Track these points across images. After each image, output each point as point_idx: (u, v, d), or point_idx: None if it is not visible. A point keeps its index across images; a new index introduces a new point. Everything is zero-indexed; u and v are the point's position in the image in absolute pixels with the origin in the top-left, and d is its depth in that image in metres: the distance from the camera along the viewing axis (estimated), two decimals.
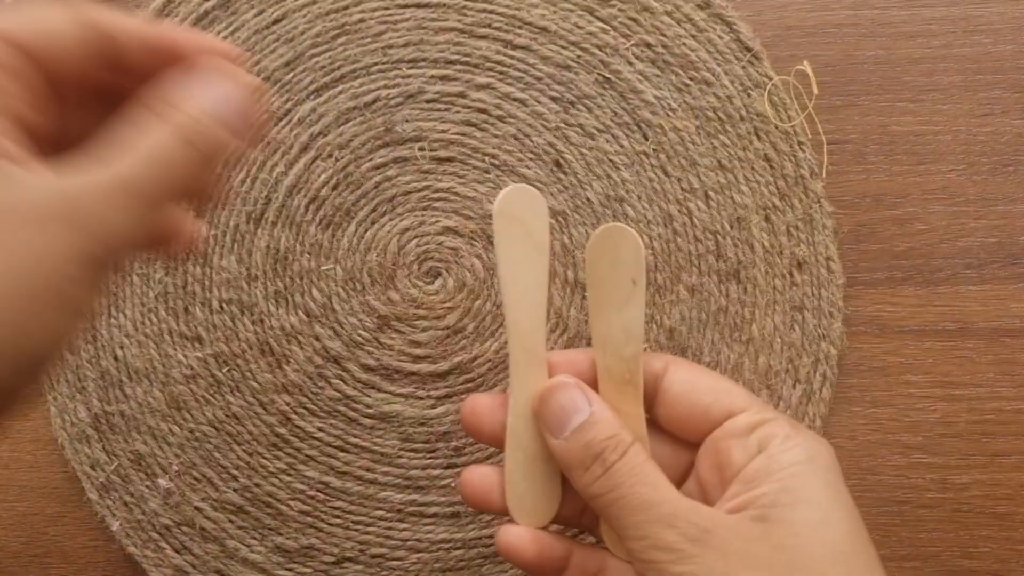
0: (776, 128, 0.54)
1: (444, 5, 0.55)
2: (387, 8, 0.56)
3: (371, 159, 0.55)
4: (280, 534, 0.55)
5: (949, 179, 0.55)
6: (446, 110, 0.55)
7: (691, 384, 0.44)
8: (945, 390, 0.55)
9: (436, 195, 0.55)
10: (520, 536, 0.45)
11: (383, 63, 0.56)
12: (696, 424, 0.44)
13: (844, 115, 0.56)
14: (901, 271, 0.55)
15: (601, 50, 0.55)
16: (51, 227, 0.32)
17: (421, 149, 0.55)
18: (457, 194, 0.55)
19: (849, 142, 0.56)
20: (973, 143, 0.55)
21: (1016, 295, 0.55)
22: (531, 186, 0.46)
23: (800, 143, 0.54)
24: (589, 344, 0.47)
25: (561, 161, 0.55)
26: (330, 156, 0.56)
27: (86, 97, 0.38)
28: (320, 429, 0.55)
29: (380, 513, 0.55)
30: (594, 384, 0.44)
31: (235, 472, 0.55)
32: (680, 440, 0.45)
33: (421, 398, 0.55)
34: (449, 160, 0.55)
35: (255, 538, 0.55)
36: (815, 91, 0.55)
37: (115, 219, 0.33)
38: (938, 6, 0.56)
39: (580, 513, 0.47)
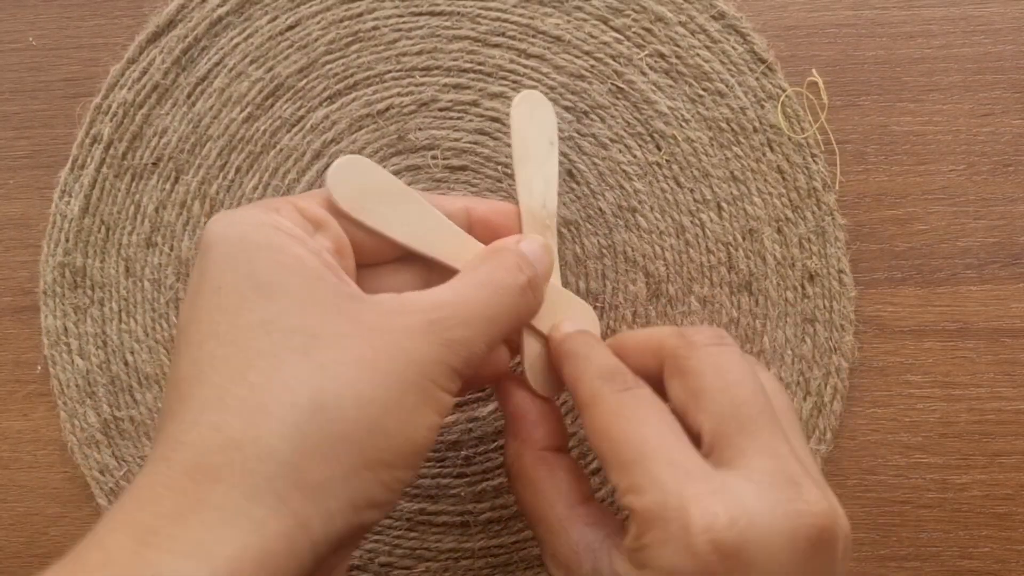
0: (789, 140, 0.54)
1: (458, 13, 0.55)
2: (401, 16, 0.55)
3: (384, 167, 0.55)
4: None
5: (949, 179, 0.55)
6: (459, 118, 0.55)
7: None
8: (945, 390, 0.55)
9: None
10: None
11: (396, 71, 0.55)
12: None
13: (844, 115, 0.56)
14: (901, 271, 0.55)
15: (615, 60, 0.55)
16: (418, 335, 0.37)
17: (434, 157, 0.55)
18: None
19: (849, 142, 0.56)
20: (973, 143, 0.56)
21: (1016, 295, 0.55)
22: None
23: (813, 155, 0.54)
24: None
25: (574, 171, 0.55)
26: None
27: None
28: None
29: (389, 522, 0.55)
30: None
31: None
32: None
33: None
34: (462, 169, 0.55)
35: None
36: (826, 102, 0.55)
37: (471, 338, 0.38)
38: (938, 6, 0.56)
39: None
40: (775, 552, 0.35)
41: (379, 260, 0.44)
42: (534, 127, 0.48)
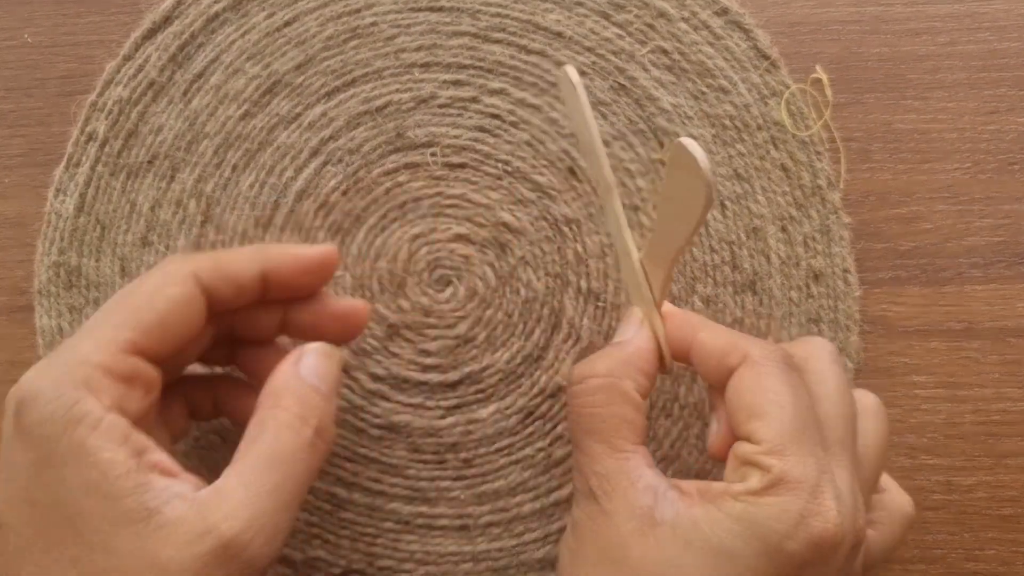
0: (793, 138, 0.54)
1: (457, 9, 0.55)
2: (400, 12, 0.55)
3: (382, 164, 0.55)
4: (286, 545, 0.54)
5: (954, 177, 0.55)
6: (458, 115, 0.55)
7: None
8: (950, 391, 0.55)
9: (448, 202, 0.55)
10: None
11: (395, 67, 0.55)
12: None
13: (848, 112, 0.56)
14: (906, 270, 0.55)
15: (616, 56, 0.55)
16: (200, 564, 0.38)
17: (433, 155, 0.55)
18: (469, 201, 0.55)
19: (854, 140, 0.55)
20: (978, 141, 0.55)
21: (1022, 294, 0.55)
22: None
23: (817, 153, 0.54)
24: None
25: (575, 168, 0.55)
26: (340, 161, 0.55)
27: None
28: None
29: (388, 525, 0.54)
30: None
31: None
32: None
33: (430, 408, 0.54)
34: (461, 166, 0.55)
35: None
36: (830, 99, 0.55)
37: (263, 544, 0.40)
38: (943, 3, 0.56)
39: None
40: (840, 556, 0.40)
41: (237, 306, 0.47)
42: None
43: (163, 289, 0.43)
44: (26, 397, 0.40)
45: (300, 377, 0.44)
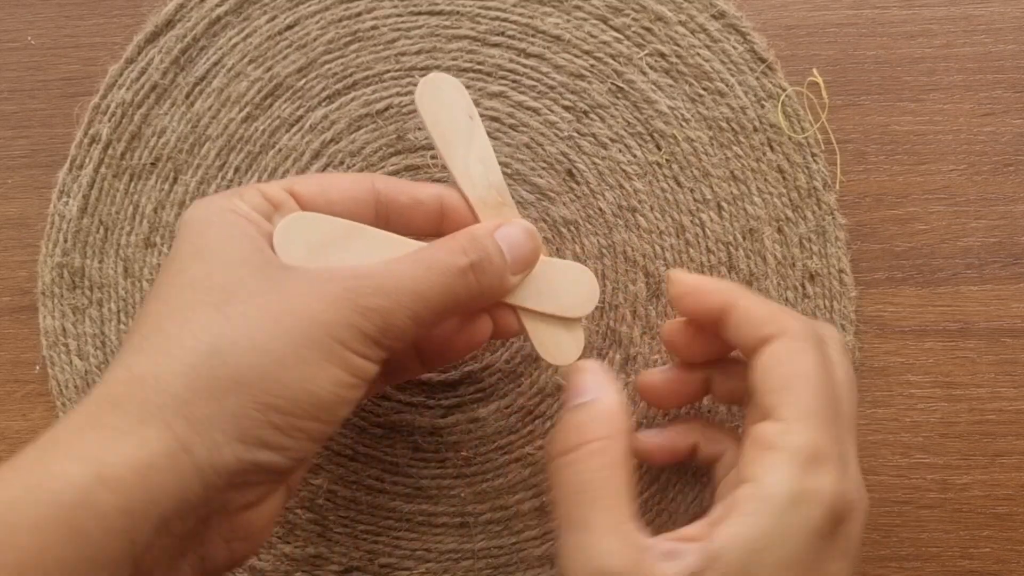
0: (789, 139, 0.54)
1: (457, 13, 0.55)
2: (400, 15, 0.55)
3: (383, 167, 0.55)
4: (287, 543, 0.55)
5: (950, 179, 0.55)
6: None
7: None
8: (946, 390, 0.55)
9: None
10: (650, 436, 0.51)
11: (396, 70, 0.55)
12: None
13: (845, 115, 0.56)
14: (902, 271, 0.55)
15: (615, 59, 0.55)
16: (330, 299, 0.40)
17: (433, 157, 0.55)
18: None
19: (850, 142, 0.56)
20: (974, 143, 0.55)
21: (1017, 295, 0.55)
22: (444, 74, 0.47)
23: (813, 155, 0.54)
24: None
25: (574, 170, 0.55)
26: (342, 164, 0.55)
27: None
28: (329, 438, 0.55)
29: (389, 523, 0.55)
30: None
31: None
32: None
33: (431, 407, 0.55)
34: None
35: (262, 546, 0.54)
36: (826, 102, 0.55)
37: (389, 308, 0.41)
38: (938, 6, 0.56)
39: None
40: (854, 527, 0.42)
41: None
42: (445, 109, 0.46)
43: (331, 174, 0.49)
44: (193, 203, 0.44)
45: (490, 233, 0.45)
